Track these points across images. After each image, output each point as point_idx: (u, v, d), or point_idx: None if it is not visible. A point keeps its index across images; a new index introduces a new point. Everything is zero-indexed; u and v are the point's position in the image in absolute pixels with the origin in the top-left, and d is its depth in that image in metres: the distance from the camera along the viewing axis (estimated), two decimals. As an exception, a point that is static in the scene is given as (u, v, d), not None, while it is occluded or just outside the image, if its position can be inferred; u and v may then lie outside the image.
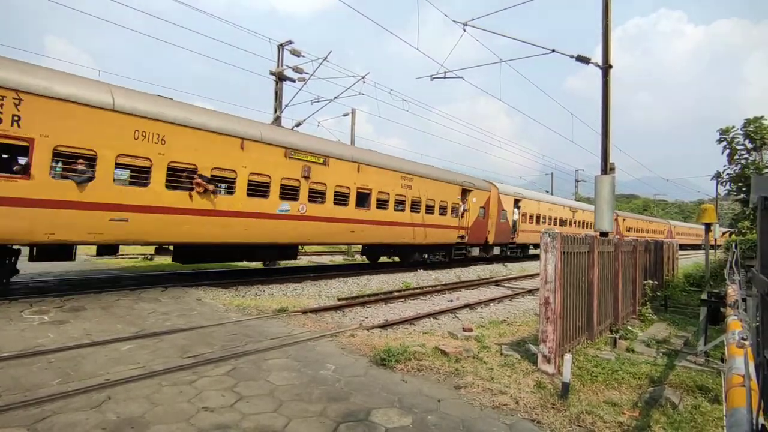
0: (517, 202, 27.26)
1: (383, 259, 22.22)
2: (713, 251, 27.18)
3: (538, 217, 29.78)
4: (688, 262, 30.57)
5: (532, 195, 30.37)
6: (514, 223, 27.00)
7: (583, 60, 12.17)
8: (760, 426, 1.45)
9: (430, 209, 19.80)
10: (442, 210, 20.57)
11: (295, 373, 5.68)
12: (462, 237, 21.87)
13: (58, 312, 8.26)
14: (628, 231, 43.73)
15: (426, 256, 20.91)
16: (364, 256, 23.11)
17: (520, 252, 29.02)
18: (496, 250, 25.55)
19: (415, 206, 18.94)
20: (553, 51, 12.81)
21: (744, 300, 5.11)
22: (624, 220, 43.04)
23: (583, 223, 36.58)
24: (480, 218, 23.27)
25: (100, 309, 8.67)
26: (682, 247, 49.10)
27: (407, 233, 18.68)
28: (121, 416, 4.22)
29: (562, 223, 33.53)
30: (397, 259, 21.90)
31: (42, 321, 7.59)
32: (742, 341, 2.23)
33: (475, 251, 23.78)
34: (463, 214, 21.81)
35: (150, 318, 8.25)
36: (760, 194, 1.81)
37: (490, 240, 24.25)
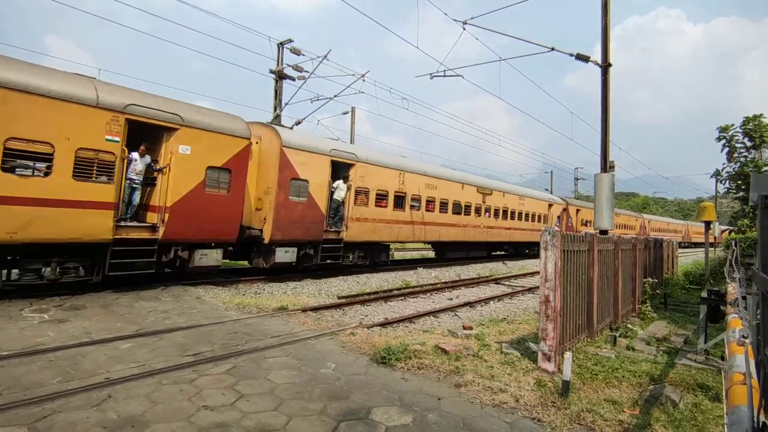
0: (341, 167, 15.77)
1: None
2: (713, 249, 27.19)
3: (399, 199, 18.23)
4: (688, 260, 30.58)
5: (383, 158, 18.06)
6: (338, 206, 15.58)
7: (583, 58, 12.16)
8: (761, 424, 1.45)
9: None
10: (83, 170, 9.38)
11: (295, 371, 5.69)
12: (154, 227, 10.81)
13: (58, 310, 8.26)
14: (584, 225, 35.43)
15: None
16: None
17: (359, 257, 17.22)
18: (283, 255, 13.92)
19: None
20: (553, 49, 12.79)
21: (744, 298, 5.11)
22: (578, 210, 35.45)
23: (512, 212, 26.53)
24: (211, 191, 11.81)
25: (100, 307, 8.67)
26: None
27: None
28: (121, 415, 4.22)
29: (463, 210, 22.15)
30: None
31: (42, 319, 7.59)
32: (742, 339, 2.23)
33: (200, 256, 11.94)
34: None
35: (150, 316, 8.25)
36: (760, 192, 1.81)
37: (267, 236, 13.33)
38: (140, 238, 10.54)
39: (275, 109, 18.59)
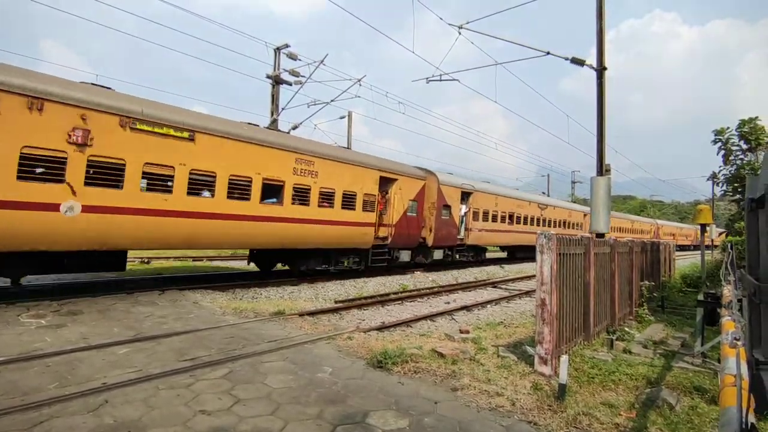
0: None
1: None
2: (710, 252, 27.26)
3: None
4: (685, 263, 30.64)
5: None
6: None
7: (578, 62, 12.23)
8: (749, 424, 1.47)
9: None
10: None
11: (292, 375, 5.69)
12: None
13: (56, 316, 8.24)
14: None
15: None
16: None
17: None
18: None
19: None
20: (548, 53, 12.86)
21: (740, 300, 5.14)
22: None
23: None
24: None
25: (97, 312, 8.65)
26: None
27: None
28: (118, 420, 4.21)
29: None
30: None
31: (39, 325, 7.57)
32: (734, 341, 2.25)
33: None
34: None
35: (147, 321, 8.23)
36: (748, 195, 1.83)
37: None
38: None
39: (272, 114, 18.63)
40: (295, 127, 17.80)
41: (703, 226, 14.89)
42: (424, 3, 14.36)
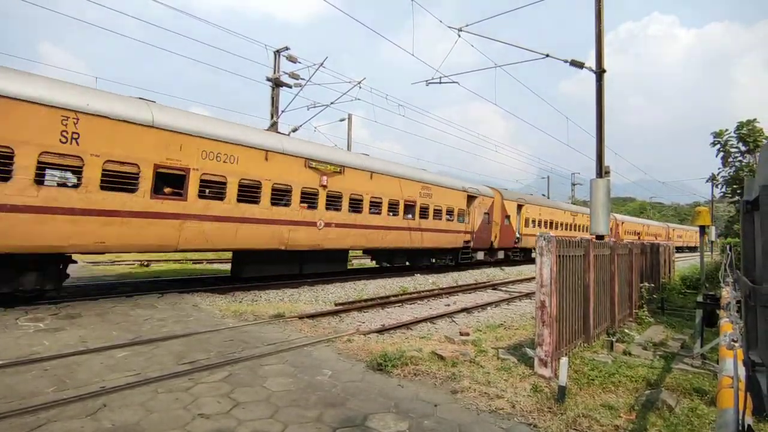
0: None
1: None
2: (710, 253, 27.26)
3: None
4: (685, 265, 30.65)
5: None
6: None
7: (577, 65, 12.25)
8: (746, 426, 1.46)
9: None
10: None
11: (291, 378, 5.68)
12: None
13: (54, 319, 8.23)
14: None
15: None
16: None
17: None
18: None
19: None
20: (547, 56, 12.89)
21: (738, 302, 5.14)
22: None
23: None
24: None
25: (96, 316, 8.64)
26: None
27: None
28: (116, 424, 4.21)
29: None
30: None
31: (37, 328, 7.56)
32: (732, 343, 2.25)
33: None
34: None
35: (146, 324, 8.22)
36: (745, 197, 1.84)
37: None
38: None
39: (272, 117, 18.65)
40: (295, 130, 17.83)
41: (702, 228, 14.89)
42: (423, 5, 14.41)
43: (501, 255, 27.32)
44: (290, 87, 18.98)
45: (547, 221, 32.54)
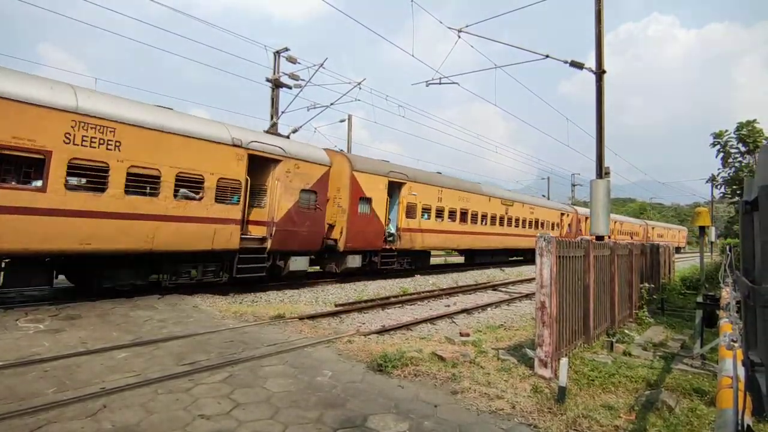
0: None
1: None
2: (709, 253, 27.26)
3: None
4: (685, 265, 30.65)
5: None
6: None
7: (577, 65, 12.25)
8: (745, 426, 1.47)
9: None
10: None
11: (291, 379, 5.68)
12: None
13: (54, 320, 8.23)
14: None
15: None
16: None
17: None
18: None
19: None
20: (547, 56, 12.90)
21: (738, 302, 5.14)
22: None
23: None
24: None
25: (96, 317, 8.64)
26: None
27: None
28: (116, 425, 4.21)
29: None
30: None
31: (37, 329, 7.56)
32: (731, 343, 2.25)
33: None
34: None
35: (146, 325, 8.22)
36: (744, 198, 1.85)
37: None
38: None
39: (272, 117, 18.66)
40: (295, 131, 17.83)
41: (702, 229, 14.90)
42: (423, 6, 14.43)
43: (357, 262, 16.51)
44: (290, 88, 18.99)
45: (459, 210, 21.85)
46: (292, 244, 14.01)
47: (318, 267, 17.01)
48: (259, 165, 13.27)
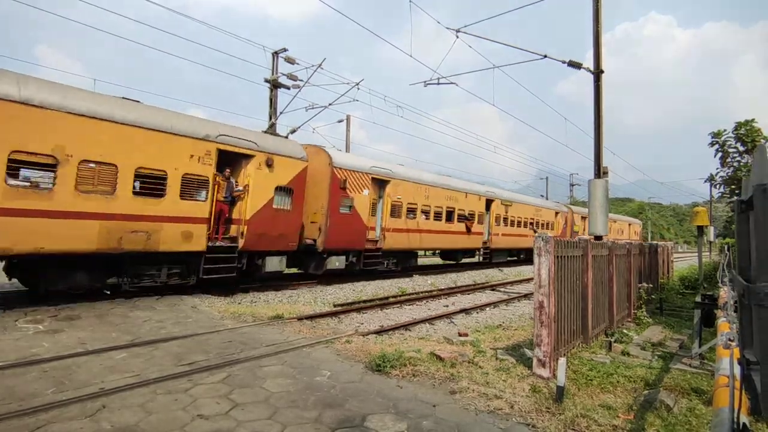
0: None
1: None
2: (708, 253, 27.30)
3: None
4: (684, 265, 30.69)
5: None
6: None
7: (575, 65, 12.27)
8: (741, 425, 1.47)
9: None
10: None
11: (290, 379, 5.68)
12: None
13: (53, 321, 8.23)
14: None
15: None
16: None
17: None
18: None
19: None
20: (545, 56, 12.92)
21: (735, 301, 5.16)
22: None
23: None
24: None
25: (95, 317, 8.64)
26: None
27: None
28: (115, 425, 4.21)
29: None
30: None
31: (37, 330, 7.56)
32: (728, 343, 2.27)
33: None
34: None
35: (145, 326, 8.22)
36: (740, 197, 1.86)
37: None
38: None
39: (270, 118, 18.66)
40: (293, 131, 17.83)
41: (701, 228, 14.92)
42: (421, 6, 14.44)
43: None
44: (288, 88, 18.99)
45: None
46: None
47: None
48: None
